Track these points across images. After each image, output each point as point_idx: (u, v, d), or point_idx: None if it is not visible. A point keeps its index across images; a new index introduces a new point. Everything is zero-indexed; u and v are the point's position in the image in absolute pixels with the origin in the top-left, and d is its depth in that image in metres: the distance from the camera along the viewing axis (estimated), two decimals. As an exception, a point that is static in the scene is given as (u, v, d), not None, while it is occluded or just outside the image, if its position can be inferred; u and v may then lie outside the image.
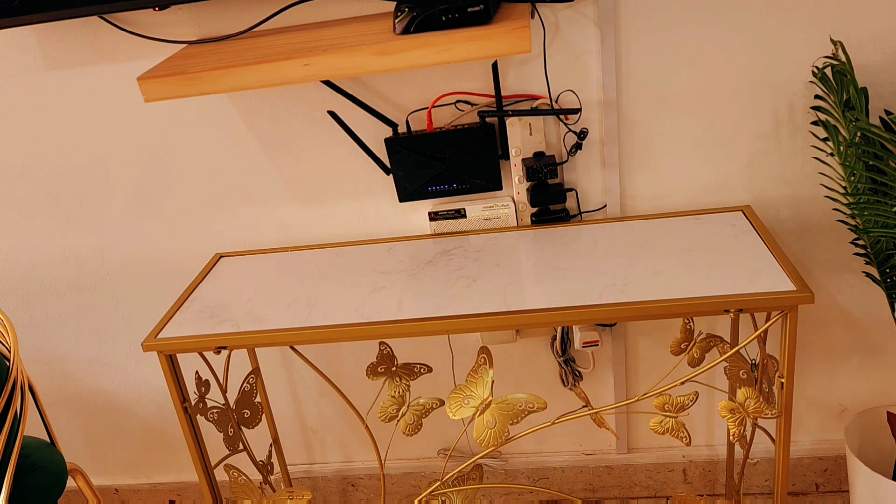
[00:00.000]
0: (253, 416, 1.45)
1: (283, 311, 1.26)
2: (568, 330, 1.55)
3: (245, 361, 1.54)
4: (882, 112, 1.30)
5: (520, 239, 1.40)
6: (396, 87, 1.41)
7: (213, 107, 1.46)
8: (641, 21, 1.31)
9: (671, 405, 1.19)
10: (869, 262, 1.30)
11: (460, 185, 1.43)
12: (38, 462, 1.33)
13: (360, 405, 1.37)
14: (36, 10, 1.28)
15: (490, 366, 1.24)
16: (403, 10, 1.16)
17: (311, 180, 1.51)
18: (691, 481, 1.74)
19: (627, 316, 1.14)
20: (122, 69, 1.44)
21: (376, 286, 1.30)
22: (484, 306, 1.18)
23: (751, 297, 1.10)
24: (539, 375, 1.66)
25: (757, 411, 1.16)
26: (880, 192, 1.18)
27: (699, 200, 1.44)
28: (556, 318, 1.14)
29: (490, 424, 1.23)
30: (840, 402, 1.62)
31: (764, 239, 1.26)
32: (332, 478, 1.86)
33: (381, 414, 1.29)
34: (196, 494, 1.93)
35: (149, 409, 1.82)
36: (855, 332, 1.53)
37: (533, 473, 1.78)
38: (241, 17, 1.36)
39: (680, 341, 1.27)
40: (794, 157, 1.39)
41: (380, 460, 1.45)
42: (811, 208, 1.42)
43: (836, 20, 1.27)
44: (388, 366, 1.31)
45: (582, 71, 1.36)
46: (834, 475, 1.68)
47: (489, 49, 1.12)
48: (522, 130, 1.40)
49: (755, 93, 1.34)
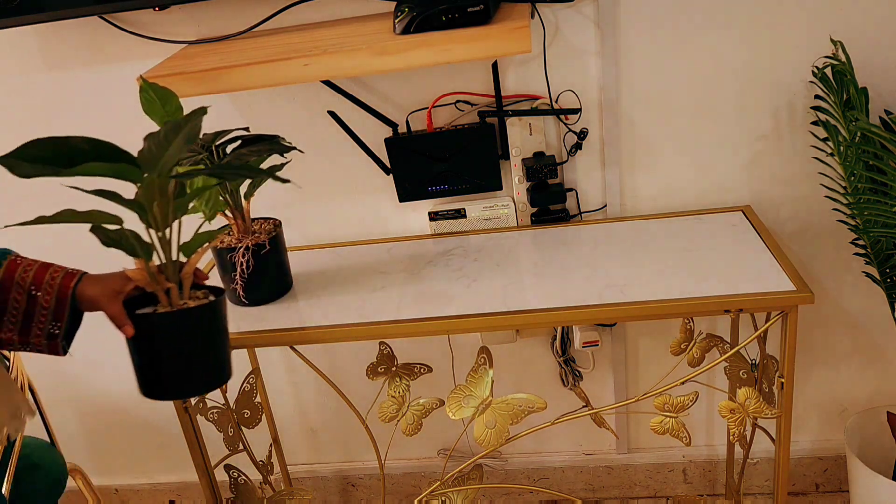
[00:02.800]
0: (253, 416, 1.45)
1: (282, 310, 1.26)
2: (568, 330, 1.55)
3: (245, 361, 1.54)
4: (882, 112, 1.29)
5: (520, 239, 1.40)
6: (396, 87, 1.41)
7: (212, 107, 1.46)
8: (641, 21, 1.31)
9: (671, 405, 1.19)
10: (869, 262, 1.30)
11: (460, 185, 1.43)
12: (38, 462, 1.32)
13: (360, 405, 1.36)
14: (36, 10, 1.28)
15: (490, 366, 1.24)
16: (403, 10, 1.16)
17: (311, 180, 1.51)
18: (691, 481, 1.74)
19: (627, 316, 1.14)
20: (122, 69, 1.44)
21: (376, 286, 1.30)
22: (484, 306, 1.18)
23: (751, 297, 1.10)
24: (539, 375, 1.66)
25: (757, 411, 1.16)
26: (880, 191, 1.18)
27: (699, 200, 1.44)
28: (556, 318, 1.14)
29: (490, 424, 1.23)
30: (840, 402, 1.62)
31: (764, 239, 1.26)
32: (332, 478, 1.86)
33: (381, 414, 1.29)
34: (196, 494, 1.93)
35: (149, 409, 1.81)
36: (855, 332, 1.53)
37: (533, 473, 1.78)
38: (241, 17, 1.36)
39: (680, 341, 1.27)
40: (794, 157, 1.39)
41: (380, 460, 1.45)
42: (811, 208, 1.42)
43: (836, 20, 1.27)
44: (388, 366, 1.31)
45: (582, 71, 1.36)
46: (834, 475, 1.68)
47: (489, 49, 1.12)
48: (522, 130, 1.40)
49: (755, 93, 1.34)
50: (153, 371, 0.95)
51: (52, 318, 1.00)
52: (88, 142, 0.83)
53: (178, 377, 0.95)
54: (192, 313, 0.94)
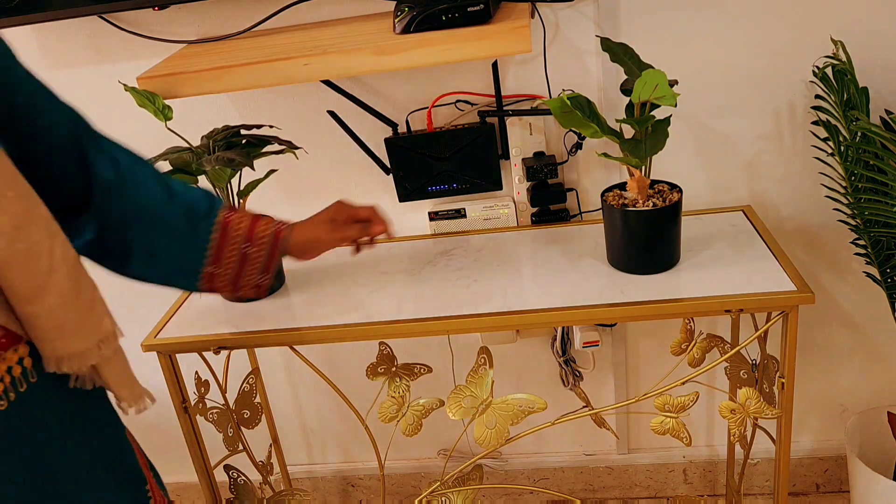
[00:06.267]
0: (253, 417, 1.45)
1: (282, 310, 1.26)
2: (568, 330, 1.55)
3: (245, 361, 1.54)
4: (882, 112, 1.29)
5: (520, 239, 1.40)
6: (396, 87, 1.41)
7: (212, 107, 1.46)
8: (641, 21, 1.31)
9: (671, 405, 1.18)
10: (869, 261, 1.30)
11: (460, 185, 1.43)
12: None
13: (360, 405, 1.36)
14: (36, 10, 1.28)
15: (490, 366, 1.24)
16: (403, 10, 1.16)
17: (311, 180, 1.51)
18: (692, 482, 1.74)
19: (627, 316, 1.13)
20: (122, 69, 1.44)
21: (376, 286, 1.29)
22: (484, 306, 1.18)
23: (751, 297, 1.10)
24: (539, 375, 1.66)
25: (757, 411, 1.16)
26: (880, 191, 1.18)
27: (699, 200, 1.44)
28: (556, 318, 1.14)
29: (490, 425, 1.23)
30: (840, 403, 1.62)
31: (764, 239, 1.25)
32: (332, 478, 1.86)
33: (381, 414, 1.29)
34: (195, 495, 1.93)
35: (148, 409, 1.81)
36: (855, 332, 1.53)
37: (533, 474, 1.78)
38: (241, 17, 1.36)
39: (680, 341, 1.27)
40: (794, 157, 1.39)
41: (380, 460, 1.44)
42: (811, 208, 1.42)
43: (837, 20, 1.27)
44: (388, 366, 1.31)
45: (582, 71, 1.36)
46: (834, 475, 1.68)
47: (489, 49, 1.12)
48: (522, 130, 1.40)
49: (755, 92, 1.34)
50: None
51: (261, 272, 1.05)
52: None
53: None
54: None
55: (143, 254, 0.94)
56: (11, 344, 0.75)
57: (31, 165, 0.80)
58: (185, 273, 1.00)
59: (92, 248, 0.91)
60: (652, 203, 1.15)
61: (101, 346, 0.80)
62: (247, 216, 1.03)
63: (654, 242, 1.17)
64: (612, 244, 1.22)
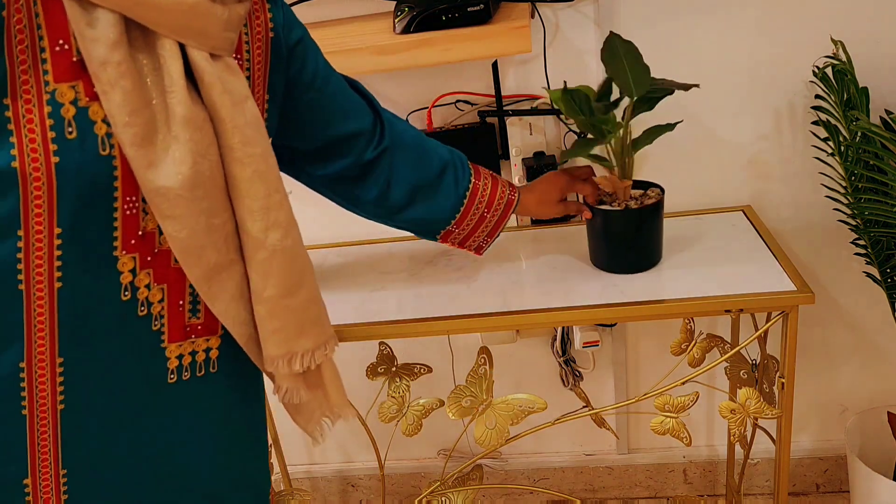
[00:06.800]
0: (253, 417, 1.45)
1: (282, 311, 1.26)
2: (568, 330, 1.55)
3: (245, 361, 1.54)
4: (882, 112, 1.29)
5: (520, 239, 1.40)
6: (396, 87, 1.41)
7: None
8: (641, 21, 1.31)
9: (671, 405, 1.18)
10: (869, 261, 1.30)
11: (460, 185, 1.43)
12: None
13: (359, 405, 1.36)
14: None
15: (490, 366, 1.24)
16: (403, 10, 1.16)
17: (311, 180, 1.51)
18: (692, 482, 1.74)
19: (627, 316, 1.13)
20: (121, 69, 1.43)
21: (376, 286, 1.29)
22: (484, 306, 1.17)
23: (751, 297, 1.09)
24: (539, 375, 1.66)
25: (757, 411, 1.16)
26: (880, 191, 1.18)
27: (699, 200, 1.44)
28: (556, 318, 1.14)
29: (490, 425, 1.22)
30: (840, 403, 1.62)
31: (764, 239, 1.25)
32: (332, 478, 1.86)
33: (381, 414, 1.29)
34: (196, 495, 1.93)
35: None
36: (855, 332, 1.53)
37: (533, 474, 1.78)
38: (241, 17, 1.36)
39: (680, 341, 1.27)
40: (794, 157, 1.39)
41: (380, 461, 1.44)
42: (811, 208, 1.42)
43: (837, 20, 1.27)
44: (388, 366, 1.31)
45: (582, 71, 1.36)
46: (834, 476, 1.68)
47: (489, 48, 1.12)
48: (522, 130, 1.40)
49: (755, 92, 1.34)
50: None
51: (488, 235, 1.15)
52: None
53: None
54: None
55: (408, 189, 1.07)
56: (205, 334, 0.82)
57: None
58: (428, 228, 1.14)
59: (364, 168, 1.04)
60: (625, 204, 1.15)
61: (327, 346, 0.88)
62: (488, 181, 1.11)
63: (630, 242, 1.17)
64: (589, 243, 1.23)
